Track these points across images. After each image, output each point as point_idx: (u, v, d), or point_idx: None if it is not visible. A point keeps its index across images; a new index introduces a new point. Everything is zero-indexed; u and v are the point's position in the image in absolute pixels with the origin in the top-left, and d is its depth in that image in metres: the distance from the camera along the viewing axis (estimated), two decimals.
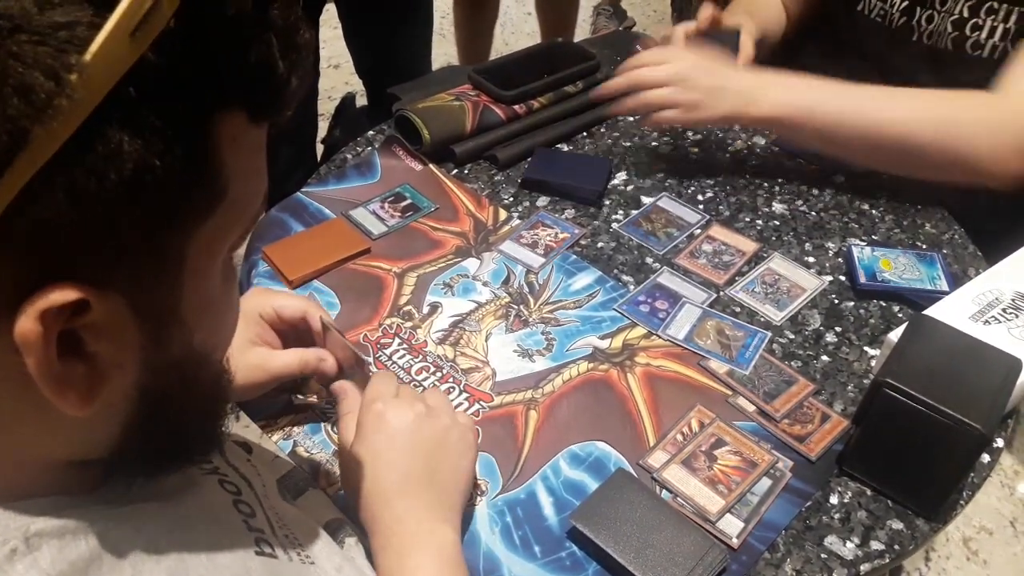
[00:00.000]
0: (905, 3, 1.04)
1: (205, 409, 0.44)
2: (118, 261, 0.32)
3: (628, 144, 1.09)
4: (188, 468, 0.46)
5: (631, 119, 1.13)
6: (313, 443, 0.72)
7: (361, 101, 1.97)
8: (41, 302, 0.30)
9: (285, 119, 0.37)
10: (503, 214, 0.97)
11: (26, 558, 0.35)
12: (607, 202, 0.99)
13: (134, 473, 0.42)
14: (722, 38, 1.05)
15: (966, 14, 0.98)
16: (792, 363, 0.80)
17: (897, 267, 0.89)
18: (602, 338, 0.82)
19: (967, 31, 0.99)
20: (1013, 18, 0.95)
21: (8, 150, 0.28)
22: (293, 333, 0.73)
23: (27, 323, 0.30)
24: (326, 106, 2.10)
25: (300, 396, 0.76)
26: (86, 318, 0.32)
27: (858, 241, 0.94)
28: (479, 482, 0.69)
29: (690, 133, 1.11)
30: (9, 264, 0.30)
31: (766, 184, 1.03)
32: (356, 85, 1.89)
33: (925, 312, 0.76)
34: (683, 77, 0.94)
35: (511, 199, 0.99)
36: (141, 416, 0.39)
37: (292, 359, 0.71)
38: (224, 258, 0.39)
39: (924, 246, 0.94)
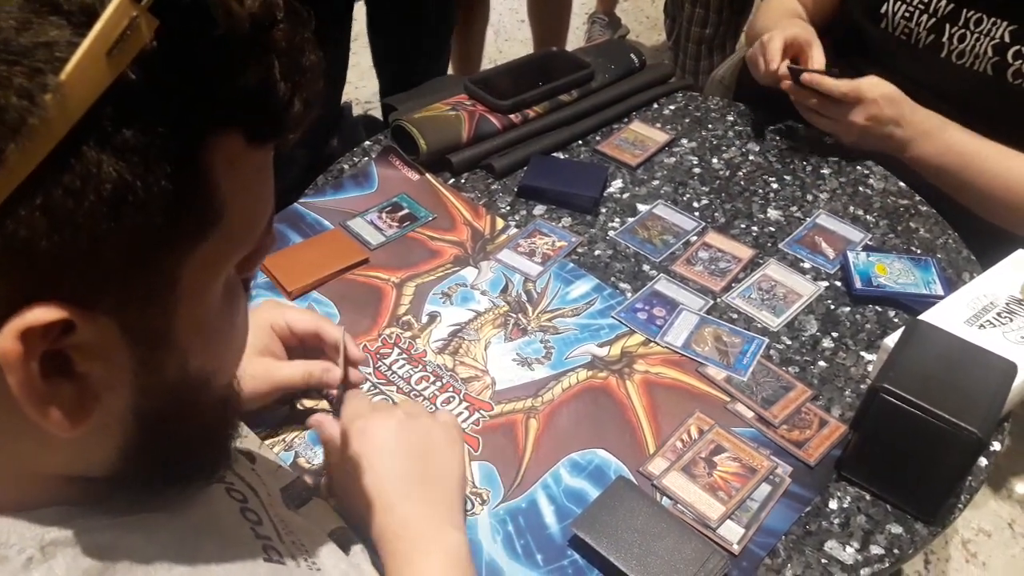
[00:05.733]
0: (932, 21, 1.04)
1: (208, 433, 0.44)
2: (103, 282, 0.32)
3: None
4: (192, 487, 0.46)
5: (626, 123, 1.14)
6: (314, 454, 0.72)
7: (357, 111, 1.98)
8: (21, 321, 0.30)
9: (289, 141, 0.37)
10: (500, 223, 0.97)
11: (42, 566, 0.35)
12: (603, 210, 1.00)
13: (137, 492, 0.42)
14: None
15: (1007, 39, 0.98)
16: (790, 369, 0.81)
17: (892, 272, 0.89)
18: (600, 346, 0.82)
19: (1009, 58, 0.99)
20: None
21: None
22: (299, 349, 0.74)
23: (6, 342, 0.30)
24: None
25: (303, 403, 0.76)
26: (73, 338, 0.32)
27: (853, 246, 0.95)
28: (480, 491, 0.69)
29: (684, 140, 1.11)
30: None
31: (761, 191, 1.03)
32: (352, 94, 1.89)
33: (921, 317, 0.76)
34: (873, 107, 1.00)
35: (508, 208, 1.00)
36: (139, 439, 0.39)
37: (296, 370, 0.71)
38: (229, 281, 0.39)
39: (919, 251, 0.95)
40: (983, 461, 0.72)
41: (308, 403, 0.76)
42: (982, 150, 0.98)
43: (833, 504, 0.70)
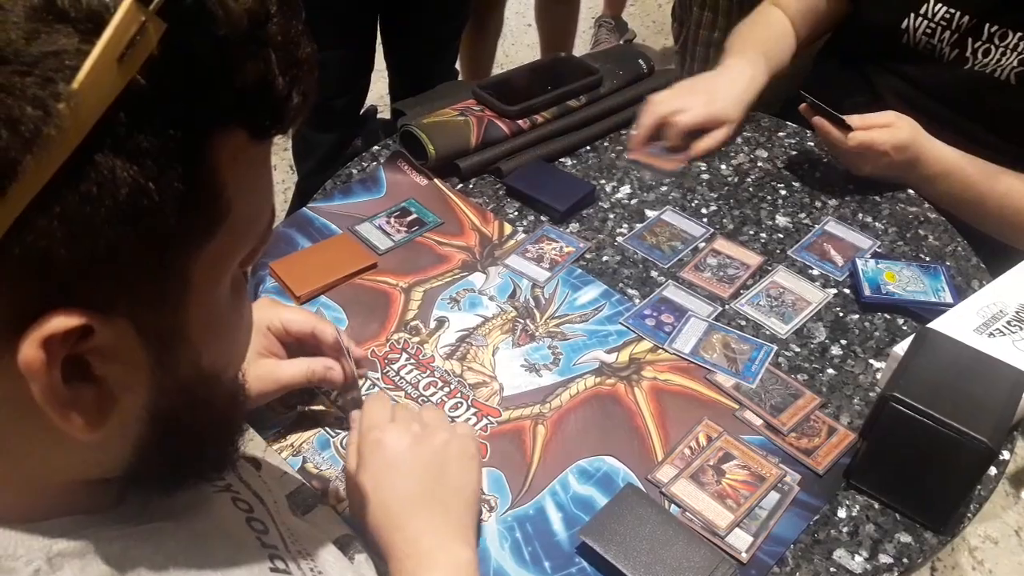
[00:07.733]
0: (955, 36, 1.04)
1: (220, 427, 0.44)
2: (120, 285, 0.32)
3: (632, 158, 1.09)
4: (202, 486, 0.47)
5: (634, 131, 1.14)
6: (322, 459, 0.72)
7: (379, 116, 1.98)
8: (43, 329, 0.30)
9: (288, 134, 0.37)
10: (508, 228, 0.97)
11: None
12: (611, 216, 1.00)
13: (150, 491, 0.42)
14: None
15: None
16: (798, 376, 0.80)
17: (901, 279, 0.89)
18: (608, 352, 0.82)
19: None
20: None
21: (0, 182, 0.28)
22: (297, 346, 0.74)
23: (30, 350, 0.31)
24: None
25: (311, 408, 0.76)
26: (91, 342, 0.32)
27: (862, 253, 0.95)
28: (488, 497, 0.69)
29: None
30: (8, 292, 0.30)
31: (769, 197, 1.03)
32: (374, 100, 1.88)
33: (930, 325, 0.76)
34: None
35: (516, 213, 1.00)
36: (154, 436, 0.39)
37: (300, 369, 0.71)
38: (234, 276, 0.39)
39: (928, 258, 0.95)
40: (993, 470, 0.71)
41: (315, 408, 0.77)
42: (998, 186, 0.99)
43: (842, 512, 0.69)
